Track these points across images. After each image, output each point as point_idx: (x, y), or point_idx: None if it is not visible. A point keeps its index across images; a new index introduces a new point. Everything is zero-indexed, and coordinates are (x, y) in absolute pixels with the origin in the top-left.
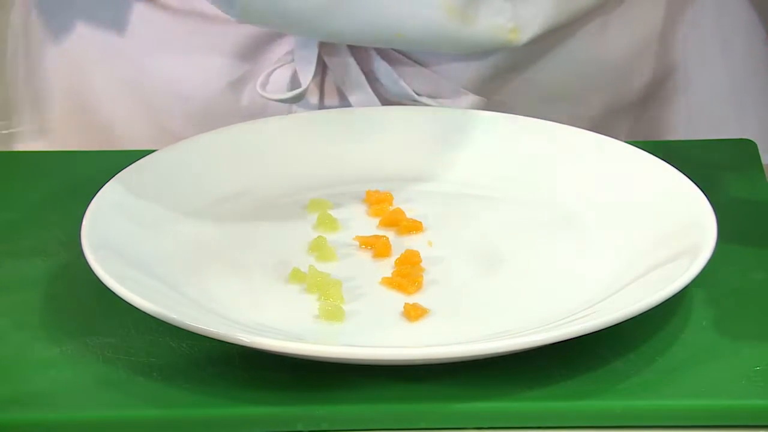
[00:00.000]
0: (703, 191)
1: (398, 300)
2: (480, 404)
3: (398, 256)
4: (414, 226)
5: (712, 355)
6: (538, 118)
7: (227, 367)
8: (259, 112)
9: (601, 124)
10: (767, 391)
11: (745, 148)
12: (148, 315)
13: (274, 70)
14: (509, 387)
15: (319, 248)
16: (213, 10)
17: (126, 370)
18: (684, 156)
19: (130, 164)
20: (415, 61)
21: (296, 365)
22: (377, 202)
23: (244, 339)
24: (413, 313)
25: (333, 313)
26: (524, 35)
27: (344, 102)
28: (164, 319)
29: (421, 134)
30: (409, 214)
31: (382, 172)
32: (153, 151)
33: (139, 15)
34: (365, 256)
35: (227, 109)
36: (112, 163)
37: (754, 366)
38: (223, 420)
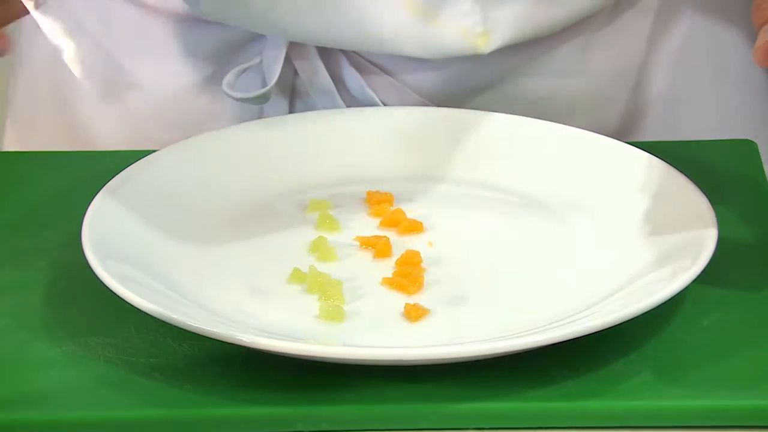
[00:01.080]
0: (703, 191)
1: (399, 300)
2: (480, 404)
3: (399, 256)
4: (414, 227)
5: (713, 355)
6: None
7: (227, 367)
8: (233, 113)
9: None
10: (767, 391)
11: (746, 148)
12: (149, 315)
13: (244, 70)
14: (509, 387)
15: (319, 248)
16: (187, 9)
17: (126, 371)
18: (684, 156)
19: (131, 164)
20: (384, 70)
21: (297, 365)
22: (378, 202)
23: (244, 339)
24: (414, 313)
25: (333, 314)
26: (494, 42)
27: (313, 107)
28: (165, 320)
29: (422, 134)
30: (409, 215)
31: (383, 172)
32: (153, 151)
33: (116, 13)
34: (366, 256)
35: (201, 110)
36: (112, 163)
37: (755, 366)
38: (223, 420)
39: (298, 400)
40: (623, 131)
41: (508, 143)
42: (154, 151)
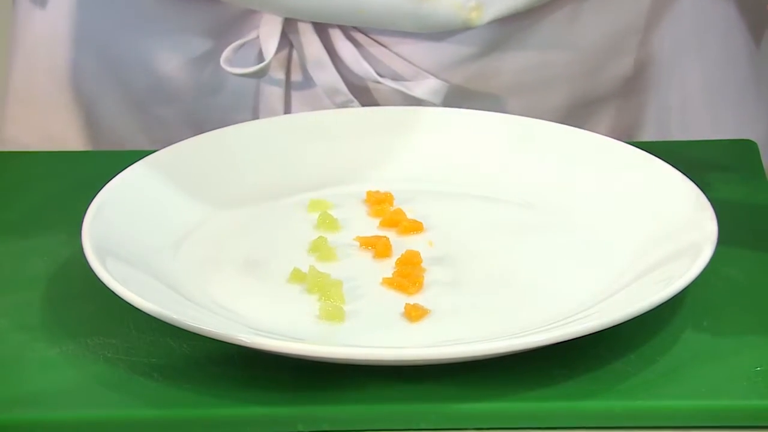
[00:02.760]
0: (703, 191)
1: (399, 300)
2: (480, 404)
3: (399, 256)
4: (414, 227)
5: (713, 355)
6: (505, 107)
7: (227, 367)
8: (231, 87)
9: (570, 117)
10: (767, 391)
11: (746, 148)
12: (149, 315)
13: (242, 46)
14: (509, 387)
15: (319, 248)
16: None
17: (126, 371)
18: (684, 156)
19: (131, 164)
20: (379, 43)
21: (296, 365)
22: (378, 202)
23: (244, 339)
24: (414, 313)
25: (333, 314)
26: (486, 15)
27: (309, 80)
28: (165, 320)
29: (422, 134)
30: (409, 215)
31: (383, 172)
32: (153, 151)
33: None
34: (366, 256)
35: (199, 85)
36: (112, 163)
37: (754, 366)
38: (223, 420)
39: (298, 400)
40: (612, 97)
41: (507, 143)
42: (153, 151)
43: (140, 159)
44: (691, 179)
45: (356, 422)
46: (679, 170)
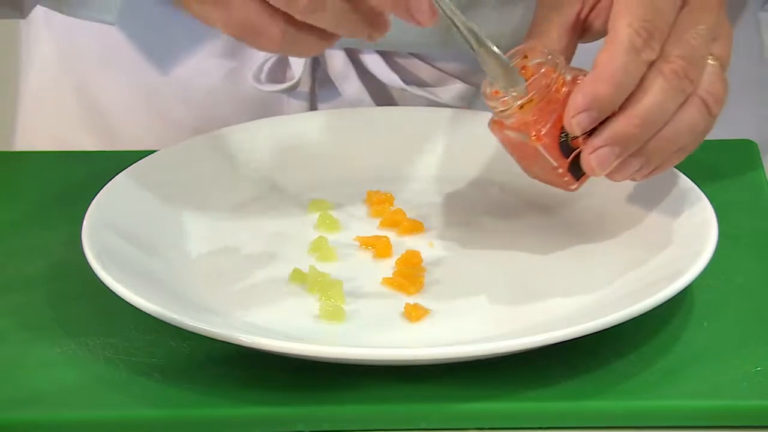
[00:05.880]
0: (703, 191)
1: (399, 300)
2: (480, 404)
3: (399, 256)
4: (415, 227)
5: (713, 355)
6: None
7: (227, 367)
8: (255, 100)
9: None
10: (767, 391)
11: (746, 148)
12: (149, 315)
13: (267, 60)
14: (509, 387)
15: (319, 248)
16: None
17: (126, 371)
18: None
19: (131, 164)
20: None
21: (297, 365)
22: (378, 202)
23: (244, 339)
24: (414, 313)
25: (334, 314)
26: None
27: (335, 91)
28: (165, 319)
29: (422, 134)
30: (409, 215)
31: (383, 172)
32: (154, 151)
33: (136, 3)
34: (366, 256)
35: (225, 98)
36: (112, 163)
37: (754, 366)
38: (223, 420)
39: (298, 400)
40: None
41: None
42: (153, 151)
43: (140, 159)
44: (691, 179)
45: (356, 422)
46: (680, 171)
